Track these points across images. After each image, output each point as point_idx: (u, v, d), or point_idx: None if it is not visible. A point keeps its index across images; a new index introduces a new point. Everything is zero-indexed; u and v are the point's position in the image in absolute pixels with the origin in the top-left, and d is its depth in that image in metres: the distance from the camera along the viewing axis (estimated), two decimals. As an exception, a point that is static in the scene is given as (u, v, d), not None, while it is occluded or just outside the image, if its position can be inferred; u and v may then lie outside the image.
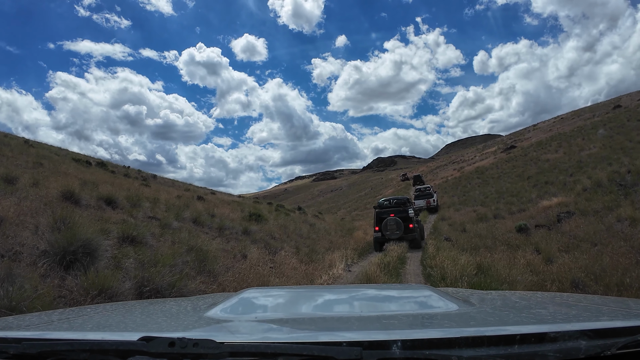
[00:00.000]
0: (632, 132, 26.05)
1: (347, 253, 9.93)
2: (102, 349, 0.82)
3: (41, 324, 1.20)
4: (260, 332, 1.08)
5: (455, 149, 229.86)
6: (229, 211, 14.25)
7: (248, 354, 0.78)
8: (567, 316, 1.19)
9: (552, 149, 32.49)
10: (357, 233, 15.20)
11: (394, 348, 0.78)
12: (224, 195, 28.52)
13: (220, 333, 1.06)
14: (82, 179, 12.46)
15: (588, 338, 0.79)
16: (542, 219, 12.37)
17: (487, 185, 26.97)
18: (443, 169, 59.26)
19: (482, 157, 51.32)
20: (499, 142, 65.78)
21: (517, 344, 0.79)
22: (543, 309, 1.31)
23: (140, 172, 26.90)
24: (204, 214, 11.43)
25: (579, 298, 1.61)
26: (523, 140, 50.26)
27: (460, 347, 0.79)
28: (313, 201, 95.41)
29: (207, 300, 1.62)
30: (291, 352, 0.77)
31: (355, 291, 1.82)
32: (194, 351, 0.78)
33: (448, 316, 1.18)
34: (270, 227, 12.21)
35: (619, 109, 42.42)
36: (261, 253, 8.57)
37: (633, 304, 1.32)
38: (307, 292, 1.81)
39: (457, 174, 42.97)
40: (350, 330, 1.07)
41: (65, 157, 20.50)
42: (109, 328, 1.20)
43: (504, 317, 1.23)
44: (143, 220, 8.86)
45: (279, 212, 18.96)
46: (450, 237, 12.41)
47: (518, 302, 1.45)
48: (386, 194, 49.72)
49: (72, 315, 1.36)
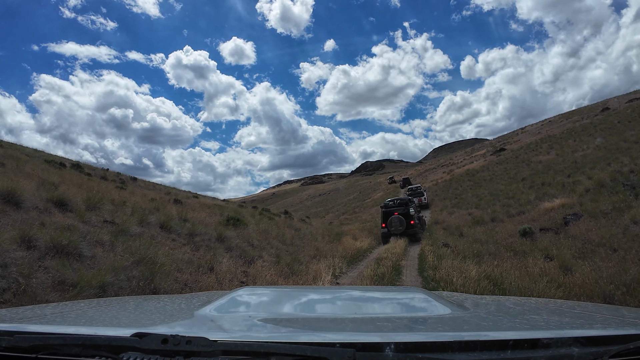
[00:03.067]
0: (624, 132, 25.65)
1: (335, 262, 8.75)
2: (95, 344, 0.81)
3: (34, 318, 1.19)
4: (253, 331, 1.08)
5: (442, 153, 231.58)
6: (205, 215, 12.94)
7: (241, 352, 0.78)
8: (560, 323, 1.18)
9: (543, 151, 32.04)
10: (345, 239, 14.02)
11: (387, 350, 0.78)
12: (208, 199, 27.35)
13: (214, 331, 1.07)
14: (45, 180, 11.10)
15: (581, 345, 0.80)
16: (546, 222, 11.40)
17: (480, 188, 26.16)
18: (432, 172, 58.70)
19: (471, 159, 50.90)
20: (488, 145, 65.62)
21: (510, 349, 0.79)
22: (537, 315, 1.30)
23: (119, 174, 25.63)
24: (175, 219, 10.15)
25: (573, 305, 1.56)
26: (512, 143, 50.03)
27: (453, 351, 0.79)
28: (301, 205, 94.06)
29: (201, 298, 1.62)
30: (284, 352, 0.77)
31: (349, 293, 1.84)
32: (187, 348, 0.78)
33: (442, 320, 1.19)
34: (249, 232, 10.95)
35: (607, 111, 42.47)
36: (234, 263, 7.33)
37: (626, 312, 1.33)
38: (302, 292, 1.79)
39: (447, 176, 42.32)
40: (343, 332, 1.07)
41: (37, 159, 19.05)
42: (103, 323, 1.21)
43: (497, 322, 1.22)
44: (96, 225, 7.61)
45: (262, 217, 17.70)
46: (448, 242, 11.32)
47: (512, 308, 1.43)
48: (375, 197, 48.90)
49: (66, 310, 1.33)
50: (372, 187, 70.92)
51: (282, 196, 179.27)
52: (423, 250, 10.40)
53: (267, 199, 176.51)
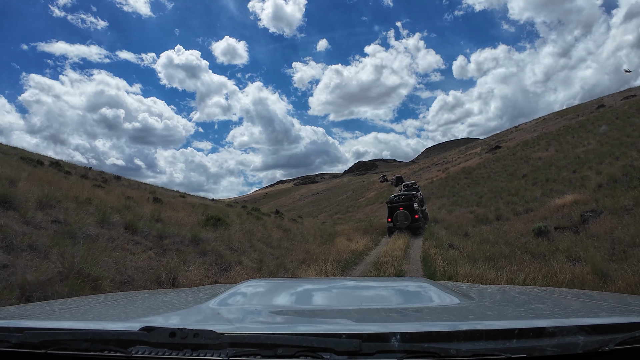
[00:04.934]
0: (625, 128, 24.89)
1: (327, 267, 7.55)
2: (104, 338, 0.81)
3: (43, 314, 1.17)
4: (260, 323, 1.08)
5: (435, 152, 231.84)
6: (184, 215, 11.65)
7: (248, 344, 0.78)
8: (565, 311, 1.16)
9: (541, 148, 31.26)
10: (339, 239, 12.83)
11: (392, 340, 0.77)
12: (195, 198, 26.08)
13: (221, 324, 1.07)
14: (6, 177, 9.82)
15: (586, 333, 0.78)
16: (561, 220, 10.34)
17: (478, 185, 25.19)
18: (426, 170, 57.86)
19: (466, 158, 50.13)
20: (482, 143, 64.97)
21: (515, 338, 0.77)
22: (542, 304, 1.26)
23: (102, 173, 24.28)
24: (146, 219, 8.90)
25: (578, 294, 1.52)
26: (507, 141, 49.36)
27: (458, 341, 0.78)
28: (294, 205, 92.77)
29: (207, 291, 1.60)
30: (291, 344, 0.76)
31: (355, 284, 1.83)
32: (195, 341, 0.78)
33: (447, 310, 1.17)
34: (230, 234, 9.71)
35: (603, 108, 41.92)
36: (205, 271, 6.10)
37: (632, 300, 1.30)
38: (308, 284, 1.78)
39: (443, 174, 41.42)
40: (349, 323, 1.07)
41: (13, 156, 17.69)
42: (111, 318, 1.20)
43: (502, 311, 1.21)
44: (40, 226, 6.40)
45: (250, 216, 16.45)
46: (453, 243, 10.18)
47: (517, 297, 1.41)
48: (369, 196, 47.91)
49: (74, 305, 1.34)
50: (366, 186, 69.91)
51: (275, 196, 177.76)
52: (428, 253, 9.24)
53: (260, 199, 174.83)
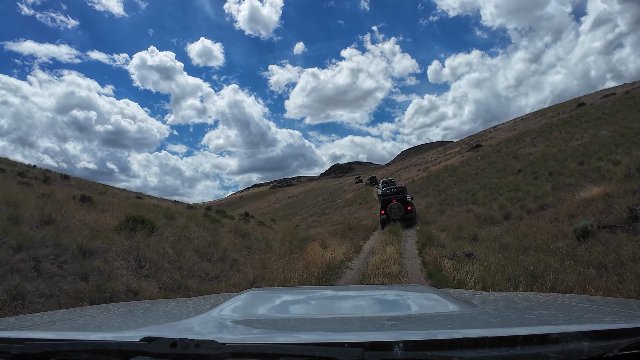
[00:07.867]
0: (619, 121, 23.39)
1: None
2: (104, 349, 0.80)
3: (43, 324, 1.16)
4: (262, 333, 1.05)
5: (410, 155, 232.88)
6: (108, 216, 8.52)
7: (250, 354, 0.76)
8: (569, 317, 1.14)
9: (527, 144, 29.62)
10: (311, 247, 9.96)
11: (395, 349, 0.76)
12: (154, 199, 22.90)
13: (222, 333, 1.06)
14: None
15: (590, 339, 0.76)
16: (600, 217, 7.92)
17: (466, 183, 22.99)
18: (405, 170, 56.02)
19: (446, 157, 48.53)
20: (460, 143, 63.84)
21: (519, 345, 0.76)
22: (545, 310, 1.25)
23: (47, 172, 21.51)
24: (24, 219, 5.87)
25: (582, 299, 1.50)
26: (487, 140, 48.13)
27: (462, 348, 0.76)
28: (269, 208, 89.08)
29: (208, 301, 1.57)
30: (293, 353, 0.75)
31: (357, 292, 1.79)
32: (196, 352, 0.76)
33: (450, 317, 1.15)
34: (153, 241, 6.70)
35: (583, 106, 41.15)
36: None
37: (636, 305, 1.27)
38: (309, 292, 1.76)
39: (423, 174, 39.39)
40: (352, 331, 1.05)
41: None
42: (111, 328, 1.19)
43: (506, 318, 1.19)
44: None
45: (206, 219, 13.39)
46: (470, 251, 7.47)
47: (520, 303, 1.39)
48: (346, 198, 45.54)
49: (75, 316, 1.32)
50: (342, 188, 67.46)
51: (250, 199, 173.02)
52: (437, 265, 6.52)
53: (234, 202, 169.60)
